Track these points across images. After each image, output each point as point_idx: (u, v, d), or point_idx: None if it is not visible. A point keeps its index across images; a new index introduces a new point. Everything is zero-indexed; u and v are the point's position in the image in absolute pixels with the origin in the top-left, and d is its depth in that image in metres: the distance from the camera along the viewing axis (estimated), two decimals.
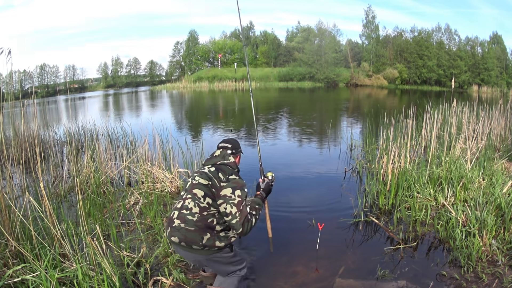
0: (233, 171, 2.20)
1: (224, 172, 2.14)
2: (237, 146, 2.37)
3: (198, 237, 1.96)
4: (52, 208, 2.49)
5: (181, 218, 2.00)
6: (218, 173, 2.12)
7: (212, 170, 2.15)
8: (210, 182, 2.07)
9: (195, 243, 1.96)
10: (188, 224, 1.97)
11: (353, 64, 39.71)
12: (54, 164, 5.08)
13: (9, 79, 7.15)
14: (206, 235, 1.98)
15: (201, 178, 2.10)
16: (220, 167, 2.17)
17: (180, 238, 1.97)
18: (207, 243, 1.98)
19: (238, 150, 2.37)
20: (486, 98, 19.56)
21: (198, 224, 1.98)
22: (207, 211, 2.01)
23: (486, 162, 4.43)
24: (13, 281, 2.15)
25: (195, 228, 1.97)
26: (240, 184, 2.10)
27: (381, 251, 2.99)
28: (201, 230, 1.97)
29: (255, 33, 48.92)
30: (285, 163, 6.11)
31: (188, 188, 2.11)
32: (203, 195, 2.03)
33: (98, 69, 50.17)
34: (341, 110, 16.06)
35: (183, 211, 2.01)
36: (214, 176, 2.10)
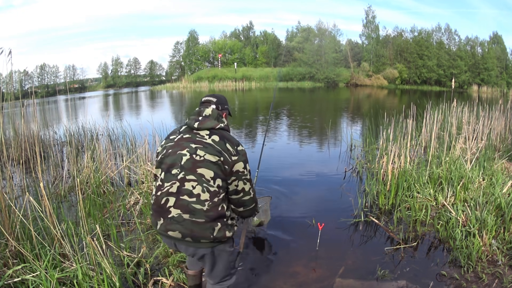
0: (236, 139, 1.79)
1: (231, 142, 1.72)
2: (224, 101, 1.93)
3: (209, 229, 1.61)
4: (52, 208, 2.48)
5: (182, 207, 1.59)
6: (225, 144, 1.69)
7: (217, 140, 1.68)
8: (221, 158, 1.64)
9: (205, 237, 1.61)
10: (197, 215, 1.58)
11: (353, 64, 39.72)
12: (54, 164, 5.08)
13: (9, 79, 7.15)
14: (217, 225, 1.63)
15: (207, 153, 1.63)
16: (224, 135, 1.73)
17: (185, 232, 1.59)
18: (218, 234, 1.64)
19: (226, 106, 1.92)
20: (486, 98, 19.56)
21: (209, 214, 1.60)
22: (217, 196, 1.62)
23: (486, 162, 4.43)
24: (13, 281, 2.15)
25: (206, 219, 1.59)
26: (246, 154, 1.78)
27: (381, 251, 2.99)
28: (213, 221, 1.61)
29: (255, 33, 48.98)
30: (285, 163, 6.11)
31: (187, 164, 1.62)
32: (212, 176, 1.61)
33: (98, 69, 50.22)
34: (341, 110, 16.06)
35: (185, 198, 1.58)
36: (224, 150, 1.66)
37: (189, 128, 1.76)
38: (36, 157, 3.52)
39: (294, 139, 8.75)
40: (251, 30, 48.83)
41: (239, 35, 48.95)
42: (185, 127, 1.79)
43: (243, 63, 44.99)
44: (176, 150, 1.67)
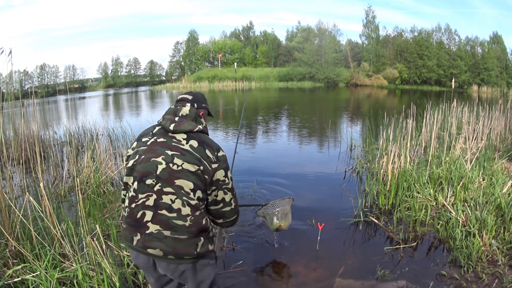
0: (216, 142, 1.58)
1: (211, 147, 1.51)
2: (202, 99, 1.72)
3: (192, 246, 1.45)
4: (52, 208, 2.48)
5: (162, 222, 1.42)
6: (205, 150, 1.47)
7: (195, 146, 1.47)
8: (200, 167, 1.44)
9: (189, 254, 1.46)
10: (179, 232, 1.42)
11: (353, 64, 39.73)
12: (54, 164, 5.08)
13: (9, 79, 7.15)
14: (200, 240, 1.48)
15: (185, 162, 1.43)
16: (203, 140, 1.51)
17: (167, 250, 1.42)
18: (202, 249, 1.49)
19: (204, 105, 1.71)
20: (486, 98, 19.56)
21: (192, 230, 1.44)
22: (199, 209, 1.46)
23: (486, 162, 4.43)
24: (13, 281, 2.15)
25: (188, 235, 1.44)
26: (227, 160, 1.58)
27: (381, 251, 2.99)
28: (196, 237, 1.46)
29: (255, 33, 49.00)
30: (285, 163, 6.11)
31: (163, 174, 1.42)
32: (192, 188, 1.43)
33: (98, 69, 50.28)
34: (341, 110, 16.06)
35: (164, 212, 1.41)
36: (203, 157, 1.46)
37: (163, 130, 1.53)
38: (36, 157, 3.52)
39: (294, 139, 8.75)
40: (251, 30, 48.92)
41: (239, 35, 49.00)
42: (159, 128, 1.55)
43: (243, 63, 45.02)
44: (149, 156, 1.46)
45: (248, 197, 4.36)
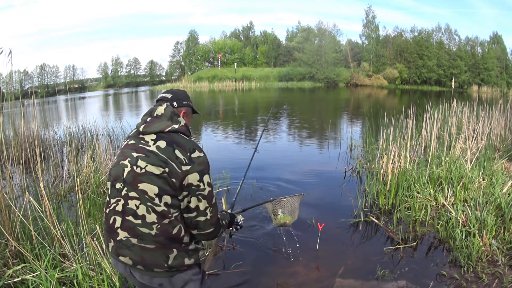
0: (193, 142, 1.41)
1: (182, 147, 1.34)
2: (183, 97, 1.56)
3: (162, 257, 1.33)
4: (52, 208, 2.48)
5: (129, 229, 1.32)
6: (174, 150, 1.32)
7: (162, 146, 1.33)
8: (166, 169, 1.30)
9: (158, 266, 1.34)
10: (145, 241, 1.32)
11: (353, 64, 39.73)
12: (54, 164, 5.08)
13: (9, 79, 7.15)
14: (172, 252, 1.34)
15: (149, 164, 1.30)
16: (174, 139, 1.35)
17: (135, 259, 1.33)
18: (174, 263, 1.35)
19: (185, 102, 1.54)
20: (486, 98, 19.56)
21: (159, 239, 1.32)
22: (167, 217, 1.32)
23: (486, 162, 4.44)
24: (13, 281, 2.15)
25: (155, 245, 1.32)
26: (206, 163, 1.38)
27: (381, 251, 2.99)
28: (165, 248, 1.33)
29: (255, 33, 49.01)
30: (285, 163, 6.11)
31: (128, 178, 1.33)
32: (157, 192, 1.29)
33: (98, 69, 50.27)
34: (341, 110, 16.07)
35: (130, 219, 1.32)
36: (171, 158, 1.31)
37: (136, 132, 1.43)
38: (36, 157, 3.52)
39: (294, 139, 8.75)
40: (251, 30, 48.91)
41: (239, 35, 49.00)
42: (134, 130, 1.46)
43: (243, 63, 45.01)
44: (119, 159, 1.38)
45: (247, 197, 4.36)
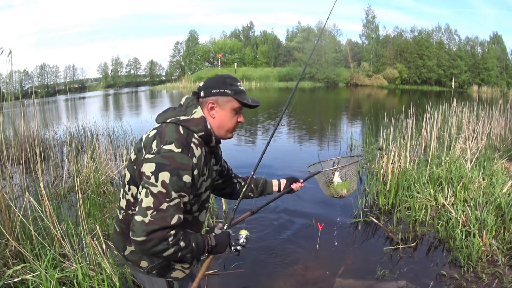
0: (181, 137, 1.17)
1: (162, 138, 1.17)
2: (216, 84, 1.26)
3: (121, 244, 1.31)
4: (52, 208, 2.49)
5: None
6: (154, 139, 1.18)
7: (150, 135, 1.22)
8: (135, 156, 1.22)
9: (119, 251, 1.34)
10: (116, 222, 1.34)
11: (353, 64, 39.75)
12: (54, 164, 5.08)
13: (9, 79, 7.16)
14: (130, 244, 1.27)
15: (133, 151, 1.26)
16: (164, 130, 1.20)
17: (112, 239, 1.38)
18: (130, 256, 1.29)
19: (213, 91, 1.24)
20: (486, 98, 19.55)
21: (122, 226, 1.28)
22: (132, 207, 1.24)
23: (486, 162, 4.44)
24: (13, 281, 2.15)
25: (119, 230, 1.30)
26: (177, 164, 1.11)
27: (381, 251, 2.99)
28: (125, 236, 1.27)
29: (255, 33, 49.01)
30: (285, 163, 6.11)
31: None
32: (128, 180, 1.24)
33: (98, 69, 50.25)
34: (341, 110, 16.06)
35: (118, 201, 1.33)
36: (146, 146, 1.19)
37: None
38: (36, 157, 3.52)
39: (294, 139, 8.75)
40: (251, 30, 48.92)
41: (239, 35, 49.00)
42: None
43: (243, 63, 45.02)
44: None
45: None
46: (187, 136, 1.19)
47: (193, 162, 1.15)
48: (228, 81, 1.25)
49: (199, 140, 1.22)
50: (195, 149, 1.18)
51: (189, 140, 1.18)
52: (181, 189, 1.11)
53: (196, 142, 1.20)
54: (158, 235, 1.07)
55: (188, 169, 1.12)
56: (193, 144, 1.19)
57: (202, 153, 1.22)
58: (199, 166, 1.19)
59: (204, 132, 1.22)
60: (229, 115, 1.26)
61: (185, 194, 1.13)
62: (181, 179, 1.11)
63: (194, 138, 1.20)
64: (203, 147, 1.23)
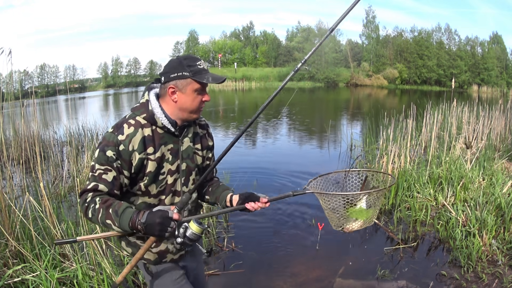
0: (121, 120, 1.26)
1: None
2: (172, 69, 1.23)
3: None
4: (52, 208, 2.49)
5: None
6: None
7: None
8: None
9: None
10: None
11: (353, 64, 39.73)
12: (54, 164, 5.08)
13: (9, 79, 7.15)
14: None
15: None
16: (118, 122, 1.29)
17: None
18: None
19: (171, 75, 1.22)
20: (486, 98, 19.54)
21: None
22: None
23: (486, 162, 4.43)
24: (13, 281, 2.15)
25: None
26: (104, 141, 1.21)
27: (381, 251, 2.99)
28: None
29: (255, 33, 49.00)
30: (285, 163, 6.11)
31: None
32: None
33: (98, 69, 50.15)
34: (341, 110, 16.06)
35: None
36: None
37: None
38: (36, 157, 3.52)
39: (294, 139, 8.75)
40: (251, 30, 48.90)
41: (239, 35, 48.99)
42: None
43: (243, 63, 45.02)
44: None
45: None
46: (125, 119, 1.25)
47: (117, 139, 1.21)
48: (185, 62, 1.23)
49: (140, 121, 1.25)
50: (126, 128, 1.22)
51: (123, 121, 1.25)
52: (105, 163, 1.20)
53: (132, 122, 1.24)
54: (81, 197, 1.22)
55: (111, 144, 1.20)
56: (126, 124, 1.23)
57: (143, 133, 1.24)
58: (132, 143, 1.22)
59: (146, 114, 1.26)
60: (191, 97, 1.26)
61: (110, 168, 1.21)
62: (105, 154, 1.20)
63: (132, 119, 1.25)
64: (149, 127, 1.26)
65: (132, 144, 1.22)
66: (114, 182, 1.22)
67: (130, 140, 1.22)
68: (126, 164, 1.22)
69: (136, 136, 1.23)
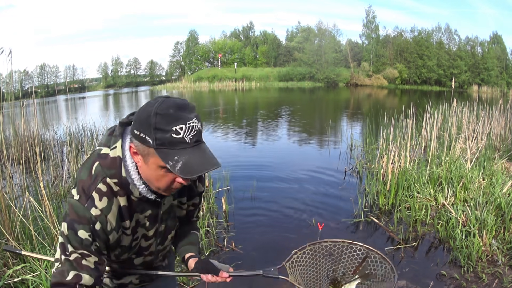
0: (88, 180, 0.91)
1: (78, 171, 0.96)
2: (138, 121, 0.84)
3: None
4: (52, 208, 2.49)
5: None
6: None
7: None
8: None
9: None
10: None
11: (353, 64, 39.73)
12: (54, 164, 5.08)
13: (9, 79, 7.16)
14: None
15: None
16: (87, 159, 0.96)
17: None
18: None
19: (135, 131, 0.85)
20: (486, 98, 19.55)
21: None
22: None
23: (486, 162, 4.44)
24: (13, 281, 2.15)
25: None
26: (72, 214, 0.89)
27: (382, 251, 2.99)
28: None
29: (255, 33, 49.01)
30: (285, 163, 6.11)
31: None
32: None
33: (98, 69, 50.17)
34: (341, 110, 16.06)
35: None
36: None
37: None
38: (36, 157, 3.51)
39: (294, 139, 8.75)
40: (251, 30, 48.87)
41: (239, 35, 48.98)
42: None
43: (243, 63, 45.01)
44: None
45: (247, 197, 4.35)
46: (94, 180, 0.90)
47: (91, 215, 0.88)
48: (155, 122, 0.80)
49: (112, 188, 0.91)
50: (97, 200, 0.89)
51: (92, 186, 0.90)
52: (80, 246, 0.88)
53: (104, 190, 0.90)
54: (54, 274, 0.90)
55: (83, 222, 0.88)
56: (96, 192, 0.89)
57: (118, 204, 0.93)
58: (109, 220, 0.91)
59: (117, 179, 0.91)
60: (155, 173, 0.87)
61: (88, 253, 0.89)
62: (76, 234, 0.87)
63: (103, 184, 0.90)
64: (124, 195, 0.93)
65: (109, 222, 0.91)
66: (98, 267, 0.92)
67: (106, 216, 0.90)
68: (104, 243, 0.93)
69: (112, 211, 0.91)
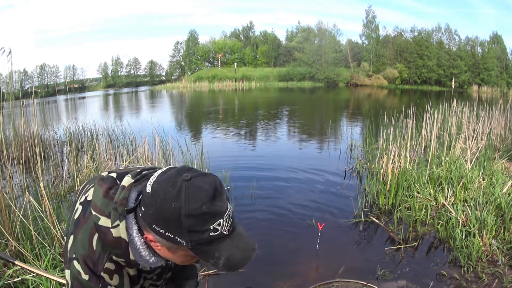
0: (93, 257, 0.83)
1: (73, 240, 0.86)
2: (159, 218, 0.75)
3: None
4: (52, 208, 2.49)
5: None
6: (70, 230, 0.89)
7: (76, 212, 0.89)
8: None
9: None
10: None
11: (353, 64, 39.74)
12: (54, 164, 5.08)
13: (9, 79, 7.16)
14: None
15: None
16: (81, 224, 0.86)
17: None
18: None
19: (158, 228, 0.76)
20: (486, 98, 19.55)
21: None
22: None
23: (486, 162, 4.44)
24: (13, 281, 2.15)
25: None
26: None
27: (381, 251, 2.99)
28: None
29: (255, 33, 49.01)
30: (285, 163, 6.11)
31: None
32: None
33: (98, 69, 50.16)
34: (341, 110, 16.06)
35: None
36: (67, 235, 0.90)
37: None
38: (36, 157, 3.51)
39: (294, 139, 8.75)
40: (251, 30, 48.89)
41: (239, 35, 49.00)
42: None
43: (243, 63, 45.03)
44: None
45: (247, 197, 4.35)
46: (99, 257, 0.83)
47: None
48: (189, 225, 0.73)
49: (119, 263, 0.87)
50: (107, 278, 0.84)
51: (99, 266, 0.83)
52: None
53: (112, 268, 0.85)
54: None
55: None
56: (104, 273, 0.84)
57: (128, 275, 0.90)
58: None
59: (123, 258, 0.85)
60: (181, 258, 0.86)
61: None
62: None
63: (110, 262, 0.85)
64: (133, 267, 0.90)
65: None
66: None
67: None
68: None
69: (125, 284, 0.89)
